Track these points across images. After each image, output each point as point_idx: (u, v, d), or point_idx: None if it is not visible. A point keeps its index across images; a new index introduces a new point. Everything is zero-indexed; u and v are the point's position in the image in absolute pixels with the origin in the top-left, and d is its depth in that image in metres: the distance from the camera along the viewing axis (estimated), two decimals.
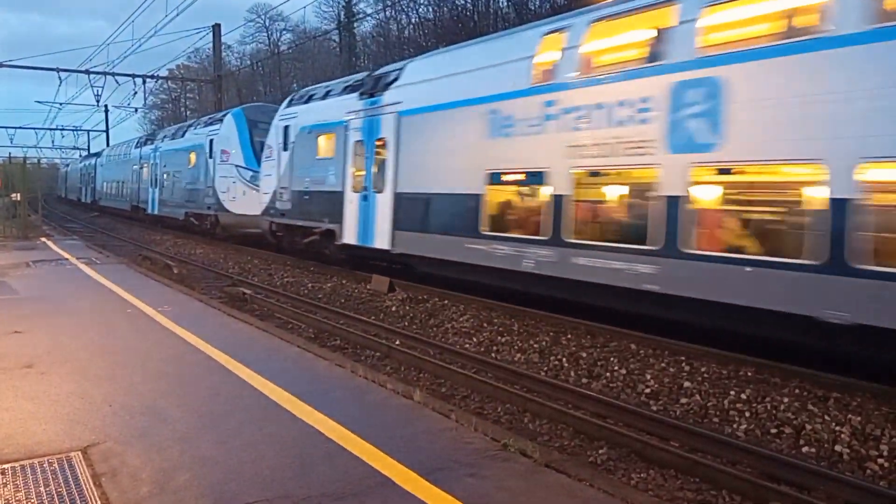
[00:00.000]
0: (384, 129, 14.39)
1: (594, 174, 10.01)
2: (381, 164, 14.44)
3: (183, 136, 29.17)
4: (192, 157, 27.14)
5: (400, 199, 13.86)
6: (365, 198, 14.93)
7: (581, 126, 9.93)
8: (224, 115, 25.08)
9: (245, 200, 22.15)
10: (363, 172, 15.12)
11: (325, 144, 16.81)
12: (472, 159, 11.97)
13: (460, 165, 12.29)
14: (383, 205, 14.27)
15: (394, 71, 14.89)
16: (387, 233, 14.10)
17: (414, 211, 13.46)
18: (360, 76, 16.76)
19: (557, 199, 10.22)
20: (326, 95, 17.31)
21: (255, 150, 22.27)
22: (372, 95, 14.96)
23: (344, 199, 15.62)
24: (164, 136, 32.59)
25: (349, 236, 15.49)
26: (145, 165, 34.03)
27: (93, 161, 51.27)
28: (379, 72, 15.74)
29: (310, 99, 18.10)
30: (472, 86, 12.18)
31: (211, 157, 25.06)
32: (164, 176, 30.72)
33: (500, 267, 11.22)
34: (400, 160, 13.87)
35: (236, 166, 23.05)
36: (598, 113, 9.68)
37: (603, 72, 10.02)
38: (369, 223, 14.77)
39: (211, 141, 25.15)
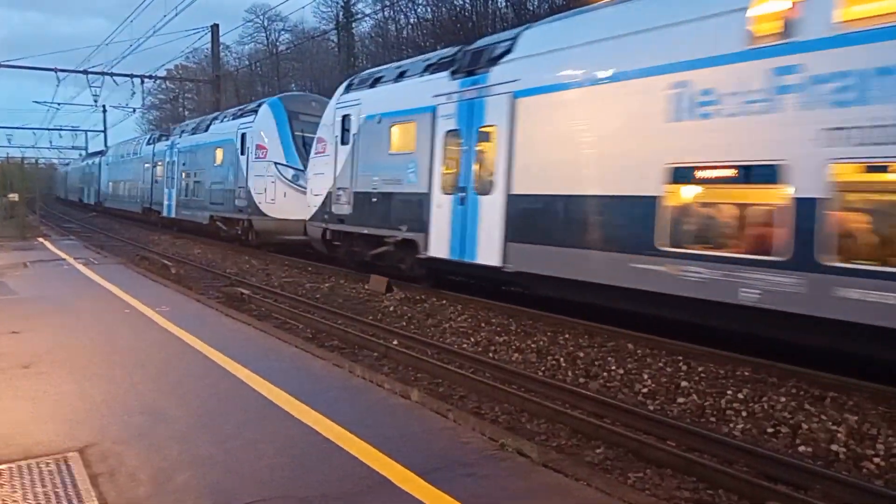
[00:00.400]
0: (491, 115, 11.56)
1: (878, 169, 7.12)
2: (487, 159, 11.75)
3: (206, 130, 25.92)
4: (219, 153, 24.15)
5: (517, 203, 10.96)
6: (461, 201, 12.03)
7: (849, 99, 7.07)
8: (258, 106, 22.23)
9: (286, 203, 19.85)
10: (456, 170, 12.35)
11: (401, 136, 14.00)
12: (641, 151, 9.06)
13: (619, 160, 9.40)
14: (490, 210, 11.41)
15: (502, 42, 11.94)
16: (496, 246, 11.22)
17: (540, 218, 10.63)
18: (447, 51, 13.77)
19: (805, 204, 7.35)
20: (401, 77, 14.42)
21: (297, 146, 20.38)
22: (471, 73, 12.13)
23: (430, 203, 12.70)
24: (183, 132, 29.25)
25: (438, 248, 12.51)
26: (159, 164, 31.13)
27: (96, 160, 48.34)
28: (478, 44, 12.75)
29: (377, 82, 15.21)
30: (637, 53, 9.24)
31: (243, 153, 21.98)
32: (184, 175, 27.63)
33: (693, 297, 8.35)
34: (516, 153, 11.01)
35: (275, 164, 20.37)
36: (885, 81, 6.83)
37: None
38: (468, 233, 11.87)
39: (243, 135, 22.07)
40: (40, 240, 22.27)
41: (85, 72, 33.98)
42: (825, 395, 7.04)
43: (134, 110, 48.58)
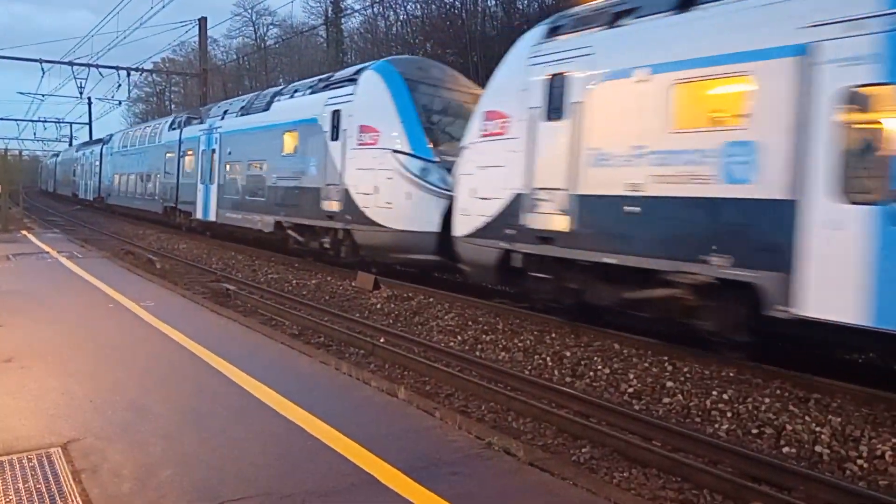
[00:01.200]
0: None
1: None
2: None
3: (266, 108, 19.72)
4: (289, 139, 17.98)
5: None
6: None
7: None
8: (357, 73, 15.97)
9: (410, 208, 13.67)
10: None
11: (714, 102, 8.43)
12: None
13: None
14: None
15: None
16: None
17: None
18: None
19: None
20: (685, 4, 8.65)
21: (425, 127, 14.46)
22: None
23: (803, 218, 7.07)
24: (226, 112, 22.84)
25: (828, 305, 6.87)
26: (189, 153, 24.98)
27: (95, 149, 41.85)
28: None
29: (624, 16, 9.45)
30: None
31: (335, 138, 15.74)
32: (229, 168, 21.56)
33: None
34: None
35: (394, 152, 14.04)
36: None
37: None
38: None
39: (335, 113, 15.86)
40: (23, 233, 22.03)
41: (70, 63, 33.66)
42: (809, 397, 7.09)
43: (120, 103, 48.13)
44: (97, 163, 40.48)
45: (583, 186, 9.53)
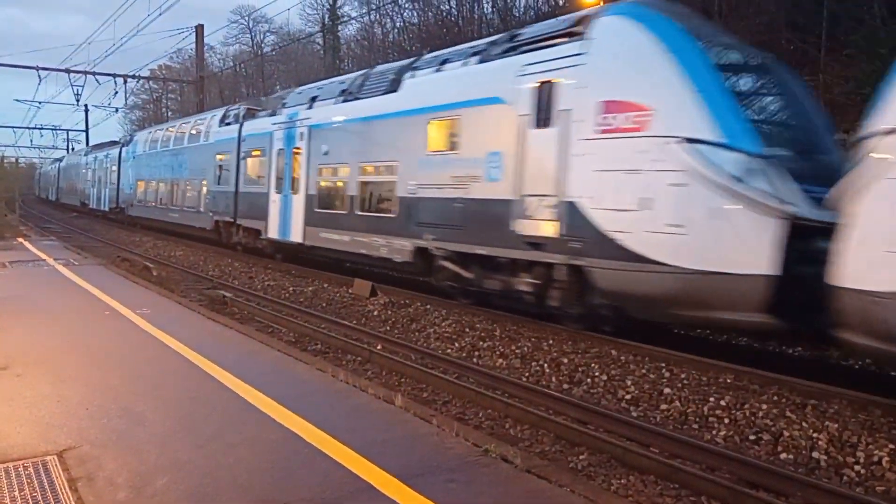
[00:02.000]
0: None
1: None
2: None
3: (393, 87, 14.05)
4: (445, 129, 12.42)
5: None
6: None
7: None
8: (584, 22, 10.29)
9: (721, 234, 8.27)
10: None
11: None
12: None
13: None
14: None
15: None
16: None
17: None
18: None
19: None
20: None
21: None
22: None
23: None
24: (315, 99, 17.23)
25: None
26: (256, 153, 19.64)
27: (111, 152, 36.56)
28: None
29: None
30: None
31: (544, 123, 10.21)
32: (323, 172, 16.22)
33: None
34: None
35: (687, 141, 8.55)
36: None
37: None
38: None
39: (544, 87, 10.29)
40: (20, 240, 21.99)
41: (67, 70, 33.67)
42: (806, 403, 7.09)
43: (116, 110, 48.11)
44: (114, 168, 35.06)
45: None
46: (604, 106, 9.39)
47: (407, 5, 43.19)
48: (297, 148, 17.14)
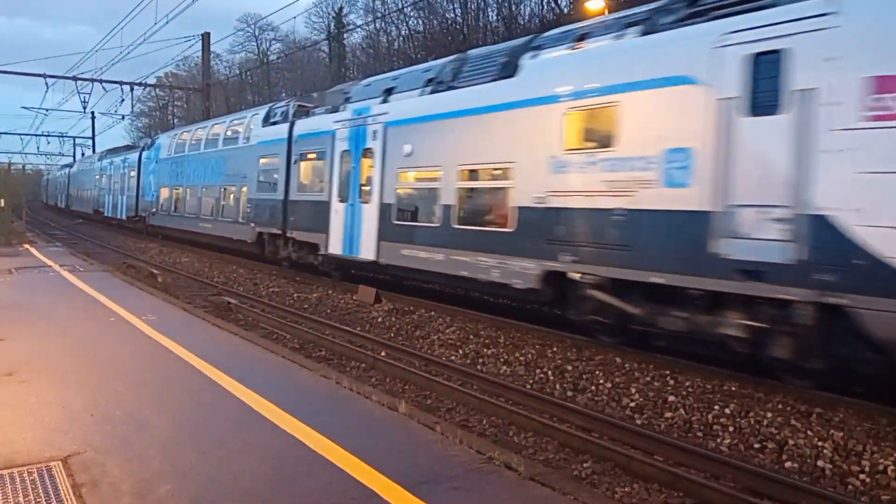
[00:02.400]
0: None
1: None
2: None
3: (508, 72, 11.27)
4: (591, 121, 9.87)
5: None
6: None
7: None
8: None
9: None
10: None
11: None
12: None
13: None
14: None
15: None
16: None
17: None
18: None
19: None
20: None
21: None
22: None
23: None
24: (392, 91, 14.58)
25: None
26: (312, 156, 16.99)
27: (130, 157, 33.48)
28: None
29: None
30: None
31: (765, 110, 7.58)
32: (405, 178, 13.85)
33: None
34: None
35: None
36: None
37: None
38: None
39: (763, 59, 7.64)
40: (26, 246, 22.08)
41: (74, 78, 33.83)
42: (811, 411, 7.06)
43: (123, 117, 48.37)
44: (133, 173, 32.09)
45: None
46: (873, 83, 6.76)
47: (412, 13, 43.39)
48: (368, 149, 14.59)
